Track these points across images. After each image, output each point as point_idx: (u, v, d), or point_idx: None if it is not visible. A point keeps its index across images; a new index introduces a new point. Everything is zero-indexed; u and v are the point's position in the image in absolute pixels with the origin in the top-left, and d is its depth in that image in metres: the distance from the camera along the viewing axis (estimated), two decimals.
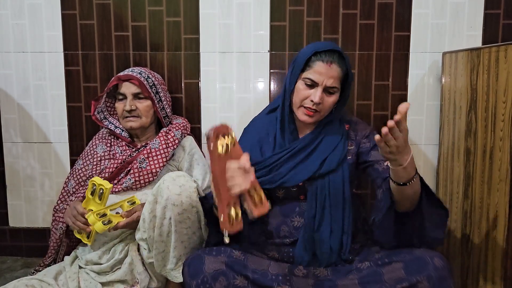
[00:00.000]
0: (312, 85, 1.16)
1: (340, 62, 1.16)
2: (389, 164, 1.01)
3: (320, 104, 1.16)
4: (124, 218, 1.24)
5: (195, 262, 1.03)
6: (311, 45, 1.20)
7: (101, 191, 1.22)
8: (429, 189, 1.08)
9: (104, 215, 1.22)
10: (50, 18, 1.65)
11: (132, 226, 1.26)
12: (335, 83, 1.16)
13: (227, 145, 0.93)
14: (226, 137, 0.94)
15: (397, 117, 0.88)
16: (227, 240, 0.85)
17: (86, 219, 1.23)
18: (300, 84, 1.18)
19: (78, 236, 1.28)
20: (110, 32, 1.65)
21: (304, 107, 1.17)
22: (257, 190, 0.92)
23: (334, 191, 1.17)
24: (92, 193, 1.25)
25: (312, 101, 1.15)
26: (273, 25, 1.64)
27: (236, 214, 0.88)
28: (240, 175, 0.90)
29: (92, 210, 1.24)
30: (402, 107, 0.89)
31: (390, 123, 0.89)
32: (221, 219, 0.85)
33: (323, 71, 1.14)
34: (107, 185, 1.21)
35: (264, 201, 0.92)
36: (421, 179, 1.06)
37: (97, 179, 1.23)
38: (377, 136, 0.93)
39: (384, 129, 0.90)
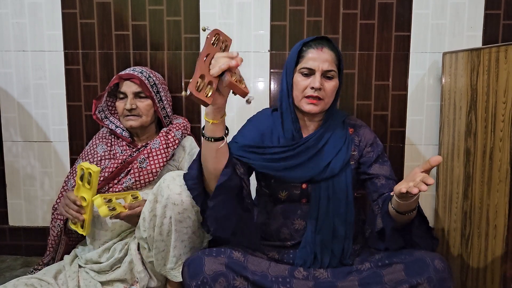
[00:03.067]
0: (309, 73, 1.16)
1: (330, 46, 1.18)
2: (395, 196, 1.02)
3: (322, 90, 1.16)
4: (127, 210, 1.24)
5: (194, 262, 1.03)
6: (298, 42, 1.23)
7: (89, 177, 1.22)
8: (423, 217, 1.11)
9: (110, 201, 1.22)
10: (51, 17, 1.65)
11: (133, 220, 1.26)
12: (331, 66, 1.16)
13: (222, 42, 0.98)
14: (226, 42, 0.99)
15: (430, 181, 0.90)
16: (183, 93, 0.87)
17: (79, 206, 1.23)
18: (297, 77, 1.18)
19: (73, 227, 1.27)
20: (110, 31, 1.65)
21: (307, 97, 1.17)
22: (240, 78, 0.95)
23: (337, 195, 1.17)
24: (82, 179, 1.24)
25: (312, 87, 1.15)
26: (273, 24, 1.64)
27: (206, 88, 0.89)
28: (225, 60, 0.91)
29: (84, 198, 1.24)
30: (434, 160, 0.92)
31: (424, 187, 0.90)
32: (191, 80, 0.87)
33: (316, 56, 1.15)
34: (94, 168, 1.21)
35: (244, 84, 0.94)
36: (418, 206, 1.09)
37: (85, 164, 1.23)
38: (403, 189, 0.94)
39: (415, 190, 0.91)
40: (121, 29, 1.65)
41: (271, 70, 1.67)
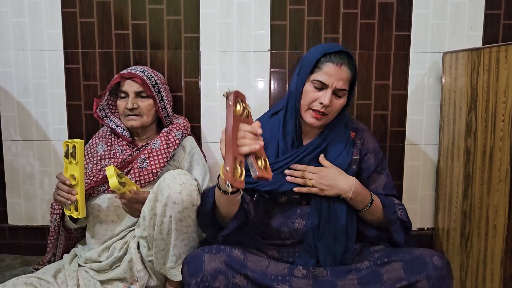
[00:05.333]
0: (321, 87, 1.14)
1: (350, 64, 1.14)
2: None
3: (329, 106, 1.14)
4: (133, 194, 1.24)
5: (194, 260, 1.03)
6: (319, 46, 1.18)
7: (74, 150, 1.21)
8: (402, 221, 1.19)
9: (120, 177, 1.21)
10: (50, 16, 1.65)
11: (133, 208, 1.25)
12: (345, 86, 1.14)
13: (244, 107, 0.94)
14: (243, 103, 0.96)
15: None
16: (230, 189, 0.85)
17: (70, 186, 1.22)
18: (308, 87, 1.15)
19: (67, 212, 1.26)
20: (110, 30, 1.65)
21: (312, 110, 1.15)
22: (263, 157, 0.94)
23: (338, 199, 1.17)
24: (67, 156, 1.23)
25: (321, 103, 1.13)
26: (273, 24, 1.64)
27: (241, 172, 0.88)
28: (251, 137, 0.91)
29: (73, 176, 1.22)
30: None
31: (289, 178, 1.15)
32: (227, 169, 0.85)
33: (333, 73, 1.12)
34: (78, 140, 1.21)
35: (268, 169, 0.93)
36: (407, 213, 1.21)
37: (68, 140, 1.23)
38: (288, 178, 1.16)
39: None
40: (121, 28, 1.65)
41: (271, 70, 1.67)
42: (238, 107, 0.93)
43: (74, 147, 1.22)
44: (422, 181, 1.72)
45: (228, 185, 0.85)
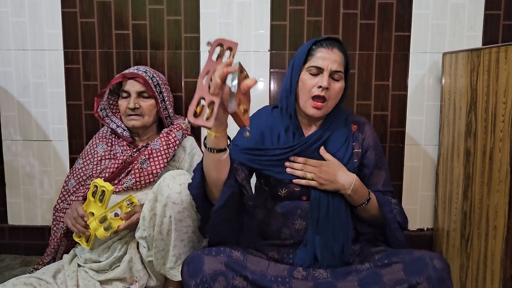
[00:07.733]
0: (318, 73, 1.15)
1: (341, 48, 1.17)
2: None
3: (329, 90, 1.15)
4: (124, 221, 1.24)
5: (194, 261, 1.03)
6: (309, 40, 1.21)
7: (102, 193, 1.22)
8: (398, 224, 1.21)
9: (105, 219, 1.22)
10: (51, 16, 1.65)
11: (132, 227, 1.26)
12: (340, 67, 1.16)
13: (222, 53, 0.95)
14: (229, 51, 0.96)
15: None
16: (186, 121, 0.86)
17: (86, 222, 1.23)
18: (304, 75, 1.17)
19: (77, 240, 1.28)
20: (110, 30, 1.65)
21: (313, 99, 1.16)
22: (246, 107, 0.94)
23: (338, 194, 1.17)
24: (94, 195, 1.24)
25: (320, 86, 1.14)
26: (273, 24, 1.64)
27: (204, 111, 0.88)
28: (221, 75, 0.88)
29: (92, 213, 1.24)
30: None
31: (288, 170, 1.17)
32: (189, 107, 0.87)
33: (326, 56, 1.15)
34: (109, 187, 1.20)
35: (247, 117, 0.94)
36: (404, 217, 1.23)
37: (99, 181, 1.22)
38: (288, 170, 1.17)
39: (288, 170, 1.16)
40: (121, 28, 1.65)
41: (271, 70, 1.67)
42: (217, 50, 0.94)
43: (103, 192, 1.22)
44: (422, 182, 1.72)
45: (187, 122, 0.86)
